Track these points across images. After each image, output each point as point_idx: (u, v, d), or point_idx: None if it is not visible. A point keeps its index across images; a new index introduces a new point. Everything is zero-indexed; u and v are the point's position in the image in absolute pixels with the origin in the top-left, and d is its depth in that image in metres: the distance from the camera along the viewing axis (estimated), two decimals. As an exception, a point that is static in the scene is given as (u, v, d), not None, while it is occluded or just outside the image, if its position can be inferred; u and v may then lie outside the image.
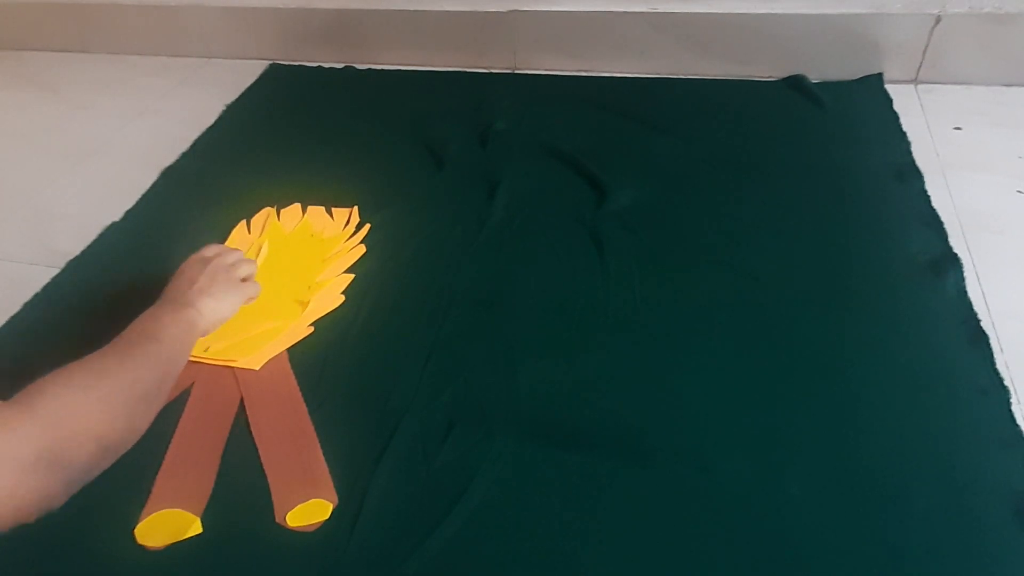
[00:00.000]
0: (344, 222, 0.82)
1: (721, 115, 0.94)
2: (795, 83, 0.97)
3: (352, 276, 0.75)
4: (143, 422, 0.50)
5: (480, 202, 0.83)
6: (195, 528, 0.54)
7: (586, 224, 0.78)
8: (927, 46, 0.93)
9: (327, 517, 0.54)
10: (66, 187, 0.95)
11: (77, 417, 0.45)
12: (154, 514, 0.55)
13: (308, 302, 0.71)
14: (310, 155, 0.95)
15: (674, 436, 0.57)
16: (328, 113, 1.04)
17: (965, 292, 0.65)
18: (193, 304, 0.60)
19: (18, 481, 0.40)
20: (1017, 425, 0.55)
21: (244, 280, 0.67)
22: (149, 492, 0.57)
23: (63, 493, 0.43)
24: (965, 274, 0.67)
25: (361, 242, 0.79)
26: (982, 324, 0.62)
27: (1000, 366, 0.59)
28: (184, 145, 0.99)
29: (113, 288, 0.76)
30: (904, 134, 0.86)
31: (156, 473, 0.58)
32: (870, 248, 0.71)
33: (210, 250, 0.67)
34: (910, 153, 0.83)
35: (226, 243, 0.81)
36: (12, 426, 0.41)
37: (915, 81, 0.97)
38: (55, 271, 0.79)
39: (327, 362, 0.66)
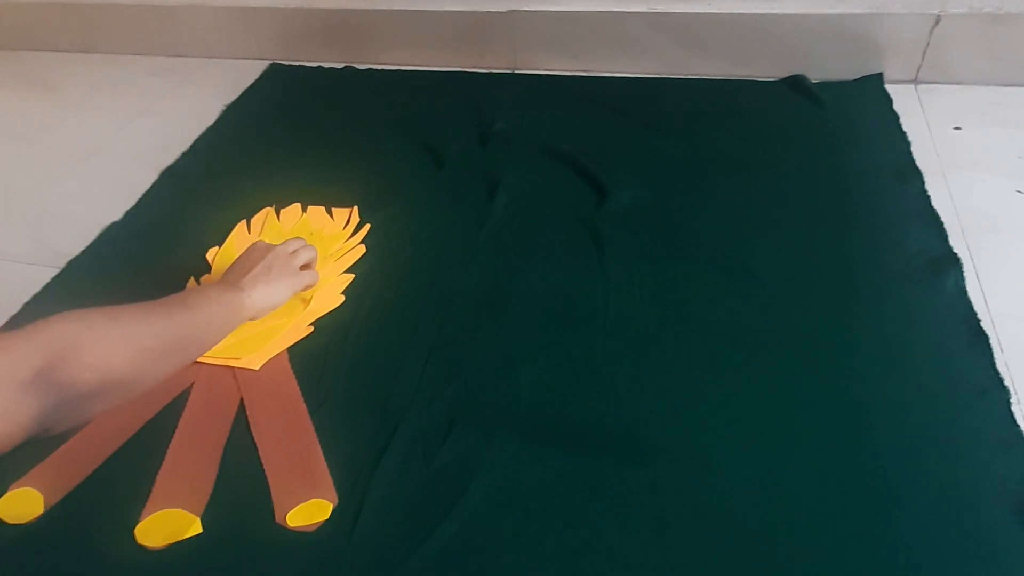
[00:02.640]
0: (344, 222, 0.83)
1: (721, 115, 0.94)
2: (795, 83, 0.97)
3: (352, 276, 0.75)
4: (150, 374, 0.51)
5: (480, 202, 0.83)
6: (195, 528, 0.54)
7: (586, 224, 0.78)
8: (927, 46, 0.93)
9: (327, 517, 0.54)
10: (66, 187, 0.95)
11: (78, 346, 0.46)
12: (154, 514, 0.55)
13: (310, 299, 0.71)
14: (310, 155, 0.95)
15: (674, 436, 0.57)
16: (328, 113, 1.03)
17: (965, 292, 0.65)
18: (244, 289, 0.63)
19: (14, 402, 0.41)
20: (1017, 425, 0.55)
21: (305, 267, 0.70)
22: (149, 492, 0.57)
23: (56, 416, 0.44)
24: (965, 274, 0.67)
25: (361, 242, 0.79)
26: (982, 324, 0.62)
27: (1000, 366, 0.59)
28: (184, 145, 0.99)
29: (113, 288, 0.76)
30: (904, 134, 0.86)
31: (156, 473, 0.58)
32: (870, 248, 0.71)
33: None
34: (910, 153, 0.83)
35: (226, 243, 0.81)
36: (11, 348, 0.43)
37: (915, 81, 0.97)
38: (55, 271, 0.79)
39: (327, 362, 0.66)
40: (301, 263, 0.69)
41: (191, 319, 0.57)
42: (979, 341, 0.61)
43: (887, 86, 0.95)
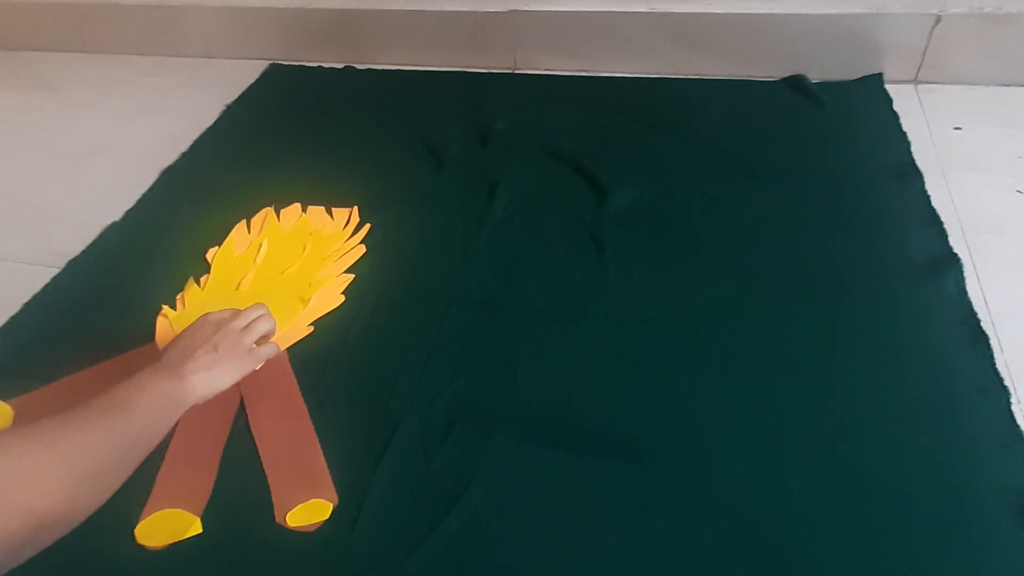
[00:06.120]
0: (344, 222, 0.83)
1: (721, 115, 0.94)
2: (795, 83, 0.97)
3: (352, 276, 0.75)
4: (91, 500, 0.44)
5: (480, 202, 0.83)
6: (195, 528, 0.54)
7: (586, 224, 0.78)
8: (927, 46, 0.93)
9: (327, 517, 0.54)
10: (66, 187, 0.95)
11: (7, 487, 0.39)
12: (154, 514, 0.55)
13: (309, 299, 0.71)
14: (310, 155, 0.95)
15: (674, 436, 0.57)
16: (328, 113, 1.04)
17: (965, 292, 0.65)
18: (185, 377, 0.56)
19: None
20: (1017, 425, 0.55)
21: (262, 338, 0.64)
22: (149, 492, 0.57)
23: None
24: (965, 274, 0.67)
25: (361, 242, 0.79)
26: (982, 324, 0.62)
27: (1000, 366, 0.59)
28: (184, 145, 0.99)
29: (113, 288, 0.76)
30: (904, 134, 0.86)
31: (156, 473, 0.58)
32: (870, 248, 0.71)
33: (225, 312, 0.63)
34: (910, 153, 0.83)
35: (225, 243, 0.81)
36: None
37: (915, 81, 0.97)
38: (55, 271, 0.79)
39: (327, 362, 0.66)
40: (255, 338, 0.62)
41: (132, 425, 0.49)
42: (979, 341, 0.61)
43: (887, 86, 0.95)
